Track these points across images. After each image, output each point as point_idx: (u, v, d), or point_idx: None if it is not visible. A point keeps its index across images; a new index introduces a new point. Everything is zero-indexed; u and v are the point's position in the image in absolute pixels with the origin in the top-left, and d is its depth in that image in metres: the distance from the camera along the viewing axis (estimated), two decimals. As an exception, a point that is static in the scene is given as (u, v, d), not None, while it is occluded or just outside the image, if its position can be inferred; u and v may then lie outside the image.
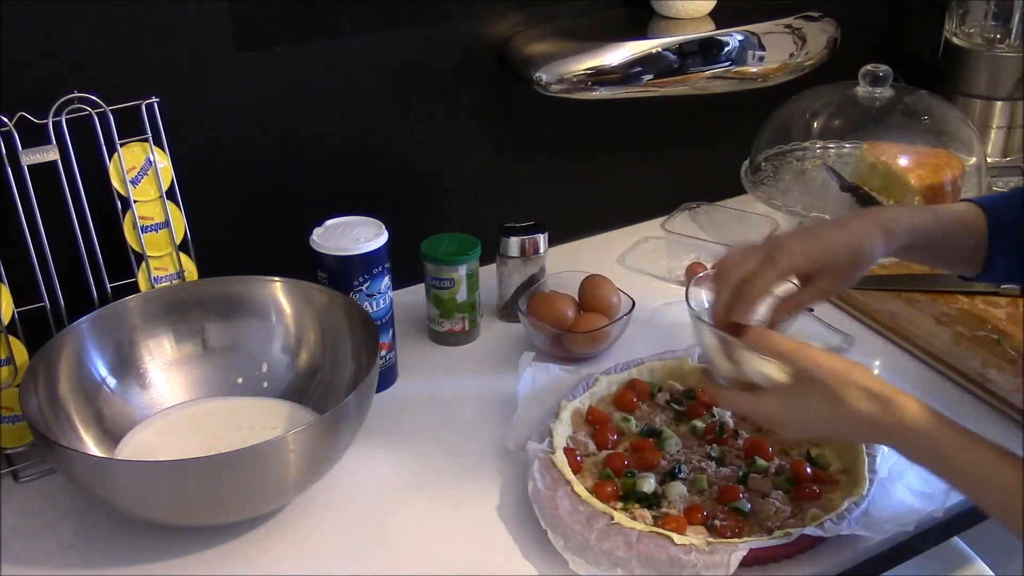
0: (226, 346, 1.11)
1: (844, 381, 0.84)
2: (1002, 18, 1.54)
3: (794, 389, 0.87)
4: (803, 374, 0.85)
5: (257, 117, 1.19)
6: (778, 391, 0.88)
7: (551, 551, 0.92)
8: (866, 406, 0.83)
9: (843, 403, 0.83)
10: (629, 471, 0.99)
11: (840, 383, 0.84)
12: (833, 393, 0.83)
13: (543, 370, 1.14)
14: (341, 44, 1.21)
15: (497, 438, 1.07)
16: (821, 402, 0.84)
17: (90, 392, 1.03)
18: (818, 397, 0.84)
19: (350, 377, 1.06)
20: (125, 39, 1.08)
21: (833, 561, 0.92)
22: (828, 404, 0.84)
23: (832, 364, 0.85)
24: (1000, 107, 1.54)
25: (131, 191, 1.06)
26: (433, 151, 1.33)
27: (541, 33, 1.31)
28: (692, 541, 0.89)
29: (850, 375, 0.84)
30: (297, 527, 0.98)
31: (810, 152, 1.50)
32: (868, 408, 0.83)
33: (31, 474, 1.03)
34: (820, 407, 0.85)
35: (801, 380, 0.86)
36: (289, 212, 1.23)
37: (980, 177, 1.43)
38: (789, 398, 0.87)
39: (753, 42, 1.33)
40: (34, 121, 1.00)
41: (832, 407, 0.84)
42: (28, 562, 0.94)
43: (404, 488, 1.03)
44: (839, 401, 0.83)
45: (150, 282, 1.09)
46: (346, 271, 1.10)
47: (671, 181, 1.52)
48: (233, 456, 0.88)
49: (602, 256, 1.42)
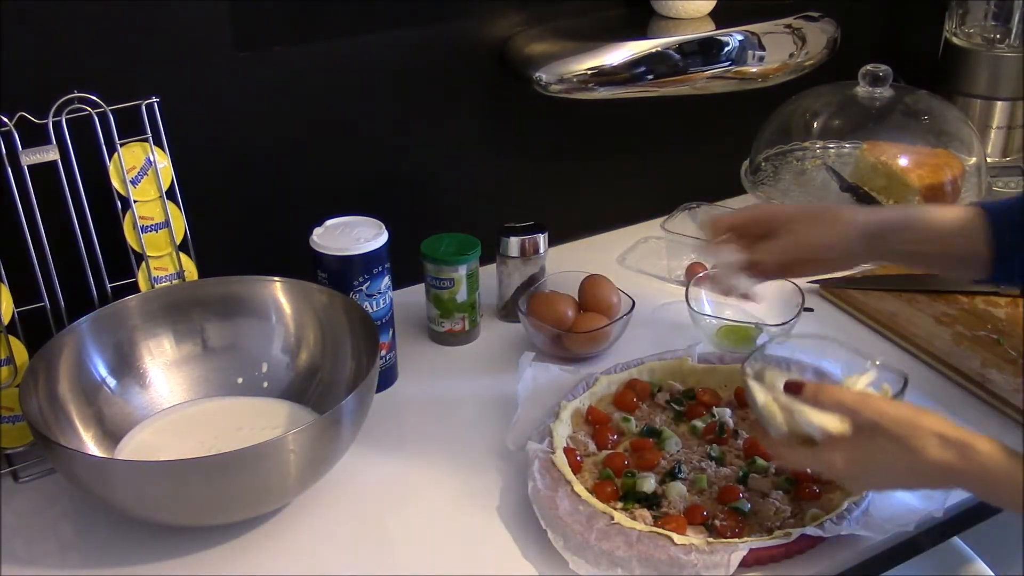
0: (226, 346, 1.11)
1: (916, 430, 0.80)
2: (1002, 18, 1.54)
3: (860, 442, 0.83)
4: (869, 426, 0.82)
5: (257, 117, 1.19)
6: (841, 444, 0.84)
7: (551, 551, 0.92)
8: (942, 453, 0.79)
9: (917, 453, 0.80)
10: (629, 471, 0.99)
11: (912, 433, 0.80)
12: (905, 443, 0.80)
13: (543, 370, 1.14)
14: (341, 44, 1.21)
15: (497, 438, 1.07)
16: (893, 453, 0.81)
17: (90, 392, 1.03)
18: (889, 449, 0.81)
19: (350, 377, 1.06)
20: (125, 39, 1.08)
21: (833, 561, 0.92)
22: (901, 455, 0.80)
23: (900, 413, 0.82)
24: (1000, 107, 1.53)
25: (131, 191, 1.06)
26: (433, 151, 1.33)
27: (541, 33, 1.31)
28: (692, 541, 0.89)
29: (921, 422, 0.81)
30: (297, 527, 0.98)
31: (810, 152, 1.50)
32: (944, 456, 0.79)
33: (31, 474, 1.03)
34: (892, 458, 0.81)
35: (866, 432, 0.83)
36: (289, 212, 1.23)
37: (980, 177, 1.43)
38: (855, 451, 0.83)
39: (753, 42, 1.33)
40: (34, 121, 1.00)
41: (905, 458, 0.80)
42: (28, 562, 0.94)
43: (404, 488, 1.03)
44: (913, 451, 0.80)
45: (150, 282, 1.09)
46: (346, 271, 1.10)
47: (671, 181, 1.52)
48: (233, 456, 0.88)
49: (602, 256, 1.42)
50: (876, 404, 0.83)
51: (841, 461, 0.84)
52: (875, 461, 0.82)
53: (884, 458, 0.82)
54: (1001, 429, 1.09)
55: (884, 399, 0.84)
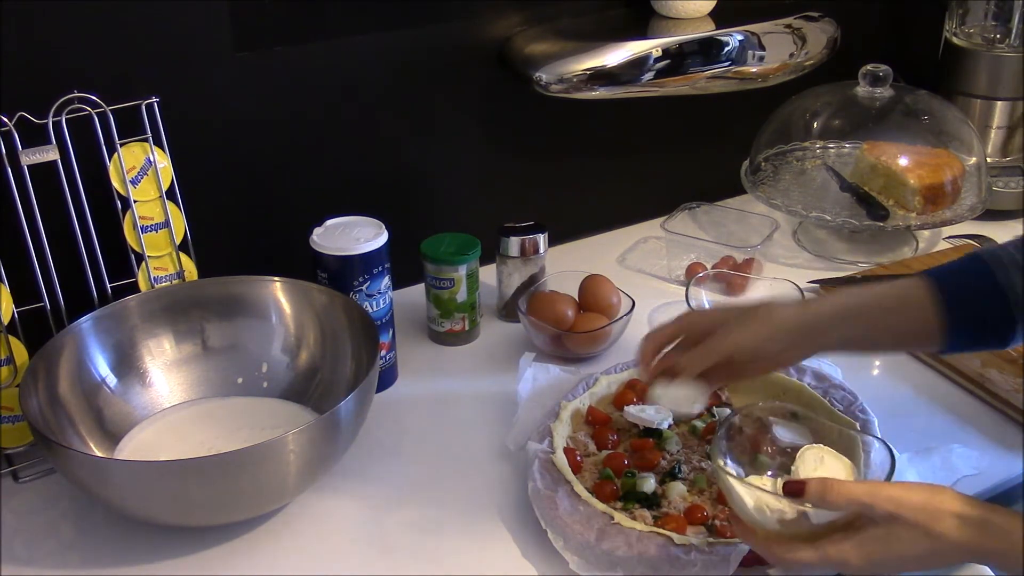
0: (226, 346, 1.11)
1: (935, 514, 0.77)
2: (1002, 18, 1.54)
3: (875, 533, 0.78)
4: (885, 518, 0.78)
5: (257, 117, 1.19)
6: (849, 536, 0.79)
7: (551, 551, 0.92)
8: (962, 534, 0.76)
9: (940, 538, 0.76)
10: (629, 471, 0.99)
11: (931, 518, 0.77)
12: (925, 530, 0.77)
13: (543, 370, 1.14)
14: (341, 44, 1.21)
15: (497, 438, 1.07)
16: (913, 541, 0.77)
17: (90, 392, 1.03)
18: (907, 537, 0.77)
19: (350, 377, 1.06)
20: (125, 39, 1.08)
21: (833, 561, 0.92)
22: (920, 542, 0.77)
23: (916, 499, 0.78)
24: (1000, 107, 1.53)
25: (131, 191, 1.06)
26: (433, 151, 1.33)
27: (541, 33, 1.31)
28: (692, 541, 0.89)
29: (939, 505, 0.77)
30: (297, 527, 0.98)
31: (810, 152, 1.50)
32: (964, 535, 0.76)
33: (31, 474, 1.03)
34: (912, 546, 0.77)
35: (881, 523, 0.78)
36: (289, 212, 1.23)
37: (980, 177, 1.43)
38: (871, 544, 0.78)
39: (753, 42, 1.33)
40: (34, 121, 1.00)
41: (925, 544, 0.77)
42: (28, 562, 0.94)
43: (404, 488, 1.03)
44: (935, 537, 0.76)
45: (150, 282, 1.09)
46: (346, 271, 1.10)
47: (671, 181, 1.52)
48: (233, 456, 0.88)
49: (602, 256, 1.42)
50: (890, 493, 0.79)
51: (855, 557, 0.79)
52: (892, 552, 0.78)
53: (902, 548, 0.78)
54: (1001, 429, 1.09)
55: (895, 486, 0.80)
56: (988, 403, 1.12)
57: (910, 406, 1.13)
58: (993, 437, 1.08)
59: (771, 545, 0.82)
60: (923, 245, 1.46)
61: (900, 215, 1.39)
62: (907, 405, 1.13)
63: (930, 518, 0.77)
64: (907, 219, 1.38)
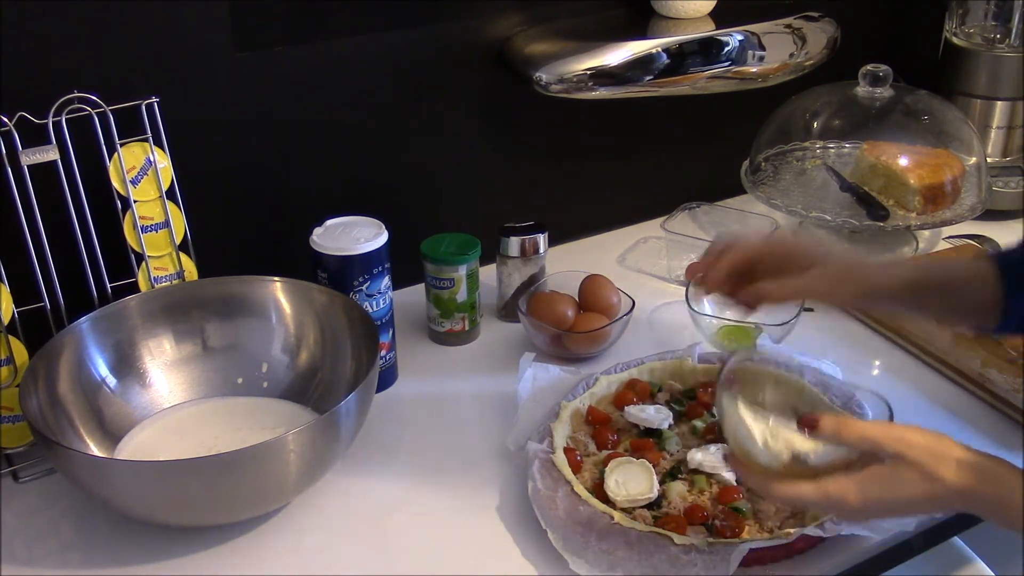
0: (226, 346, 1.11)
1: (939, 457, 0.78)
2: (1002, 18, 1.54)
3: (876, 471, 0.79)
4: (892, 457, 0.79)
5: (257, 117, 1.19)
6: (851, 475, 0.80)
7: (551, 551, 0.92)
8: (960, 477, 0.77)
9: (939, 481, 0.77)
10: (629, 471, 0.99)
11: (935, 460, 0.78)
12: (928, 471, 0.78)
13: (543, 370, 1.14)
14: (341, 44, 1.21)
15: (497, 438, 1.07)
16: (912, 482, 0.78)
17: (90, 392, 1.03)
18: (908, 478, 0.78)
19: (350, 377, 1.06)
20: (125, 39, 1.08)
21: (833, 561, 0.92)
22: (919, 483, 0.78)
23: (923, 441, 0.79)
24: (1000, 107, 1.53)
25: (131, 191, 1.06)
26: (433, 151, 1.33)
27: (541, 33, 1.31)
28: (692, 541, 0.89)
29: (943, 449, 0.78)
30: (297, 527, 0.98)
31: (810, 152, 1.50)
32: (963, 481, 0.77)
33: (31, 474, 1.03)
34: (910, 488, 0.78)
35: (887, 463, 0.79)
36: (289, 212, 1.23)
37: (980, 177, 1.43)
38: (872, 483, 0.79)
39: (753, 42, 1.33)
40: (34, 121, 1.00)
41: (924, 486, 0.78)
42: (28, 562, 0.94)
43: (404, 488, 1.03)
44: (934, 480, 0.77)
45: (150, 282, 1.09)
46: (346, 271, 1.10)
47: (671, 181, 1.52)
48: (233, 456, 0.88)
49: (602, 256, 1.42)
50: (899, 434, 0.80)
51: (854, 494, 0.79)
52: (890, 492, 0.79)
53: (901, 489, 0.79)
54: (1001, 429, 1.09)
55: (904, 427, 0.81)
56: (988, 403, 1.12)
57: (910, 406, 1.13)
58: (993, 437, 1.08)
59: (770, 481, 0.83)
60: (923, 245, 1.46)
61: (900, 215, 1.39)
62: (907, 405, 1.13)
63: (933, 460, 0.78)
64: (907, 219, 1.38)
